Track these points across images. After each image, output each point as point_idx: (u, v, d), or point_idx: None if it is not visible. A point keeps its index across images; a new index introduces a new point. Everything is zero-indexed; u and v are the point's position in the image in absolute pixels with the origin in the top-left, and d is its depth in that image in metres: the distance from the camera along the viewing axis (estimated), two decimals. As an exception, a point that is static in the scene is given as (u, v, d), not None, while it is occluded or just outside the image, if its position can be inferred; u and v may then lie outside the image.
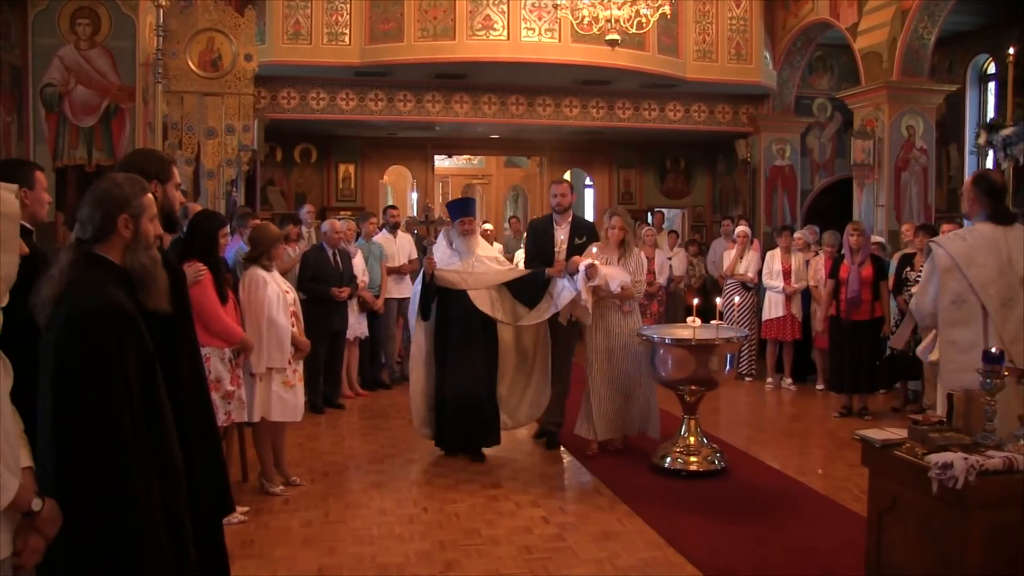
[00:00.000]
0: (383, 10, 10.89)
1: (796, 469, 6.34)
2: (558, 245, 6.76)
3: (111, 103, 7.34)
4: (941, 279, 4.25)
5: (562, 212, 6.87)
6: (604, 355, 6.53)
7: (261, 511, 5.34)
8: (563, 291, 6.32)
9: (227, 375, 5.13)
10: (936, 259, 4.28)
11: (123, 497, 2.42)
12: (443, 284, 6.40)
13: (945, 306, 4.22)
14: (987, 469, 3.16)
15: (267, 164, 13.30)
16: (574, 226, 6.87)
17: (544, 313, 6.41)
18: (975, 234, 4.28)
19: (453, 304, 6.40)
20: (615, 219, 6.71)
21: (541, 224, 7.13)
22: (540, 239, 6.91)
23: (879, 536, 3.66)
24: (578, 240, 6.71)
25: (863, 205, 10.85)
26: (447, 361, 6.44)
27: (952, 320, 4.21)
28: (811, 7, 11.84)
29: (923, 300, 4.38)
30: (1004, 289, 4.17)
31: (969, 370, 3.83)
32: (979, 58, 12.69)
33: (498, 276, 6.52)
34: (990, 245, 4.21)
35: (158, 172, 3.17)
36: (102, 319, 2.45)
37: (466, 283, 6.38)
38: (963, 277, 4.17)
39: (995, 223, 4.26)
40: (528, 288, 6.48)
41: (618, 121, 13.01)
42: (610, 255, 6.57)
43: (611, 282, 6.32)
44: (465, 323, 6.38)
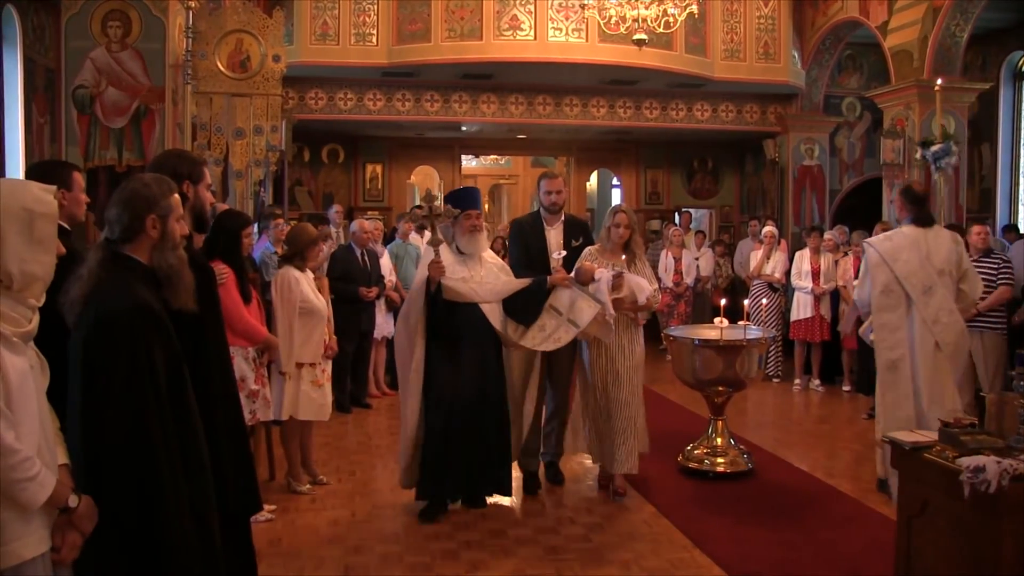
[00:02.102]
0: (410, 11, 10.92)
1: (824, 471, 6.29)
2: (552, 249, 5.73)
3: (141, 104, 7.41)
4: (872, 273, 5.38)
5: (556, 212, 5.84)
6: (612, 377, 5.55)
7: (288, 510, 5.38)
8: (578, 306, 5.24)
9: (251, 374, 5.17)
10: (868, 257, 5.45)
11: (151, 495, 2.46)
12: (449, 297, 5.07)
13: (876, 295, 5.35)
14: (1021, 474, 3.12)
15: (295, 165, 13.38)
16: (568, 226, 5.85)
17: (563, 336, 5.23)
18: (900, 235, 5.43)
19: (462, 321, 5.12)
20: (620, 216, 5.64)
21: (529, 224, 5.97)
22: (529, 243, 5.80)
23: (909, 540, 3.62)
24: (574, 243, 5.72)
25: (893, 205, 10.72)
26: (457, 390, 5.13)
27: (882, 306, 5.35)
28: (840, 5, 11.73)
29: (862, 291, 5.54)
30: (925, 279, 5.28)
31: (897, 346, 5.27)
32: (1014, 55, 12.50)
33: (508, 287, 5.28)
34: (912, 243, 5.33)
35: (190, 173, 3.20)
36: (130, 319, 2.48)
37: (477, 295, 5.10)
38: (890, 270, 5.30)
39: (918, 225, 5.42)
40: (524, 302, 5.28)
41: (645, 121, 12.95)
42: (613, 260, 5.59)
43: (639, 294, 5.44)
44: (477, 345, 5.17)
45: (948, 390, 5.26)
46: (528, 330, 5.26)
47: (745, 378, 6.16)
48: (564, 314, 5.25)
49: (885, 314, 5.35)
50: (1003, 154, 12.62)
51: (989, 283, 7.23)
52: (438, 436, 5.10)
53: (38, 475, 2.21)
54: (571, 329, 5.22)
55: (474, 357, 5.15)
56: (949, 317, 5.33)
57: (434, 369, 5.13)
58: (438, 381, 5.13)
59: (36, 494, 2.21)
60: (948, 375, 5.29)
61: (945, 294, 5.31)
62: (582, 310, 5.21)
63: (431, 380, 5.13)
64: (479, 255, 5.37)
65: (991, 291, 7.21)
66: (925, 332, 5.27)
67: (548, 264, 5.64)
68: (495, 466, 5.28)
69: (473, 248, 5.36)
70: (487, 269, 5.34)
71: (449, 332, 5.13)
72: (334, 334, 6.02)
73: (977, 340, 7.24)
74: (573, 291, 5.29)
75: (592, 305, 5.20)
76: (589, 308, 5.20)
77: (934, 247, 5.36)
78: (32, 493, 2.20)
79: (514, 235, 6.08)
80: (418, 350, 5.12)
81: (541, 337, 5.23)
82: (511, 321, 5.28)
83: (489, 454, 5.23)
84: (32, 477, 2.19)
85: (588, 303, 5.21)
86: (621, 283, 5.36)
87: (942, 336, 5.26)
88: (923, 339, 5.26)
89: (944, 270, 5.35)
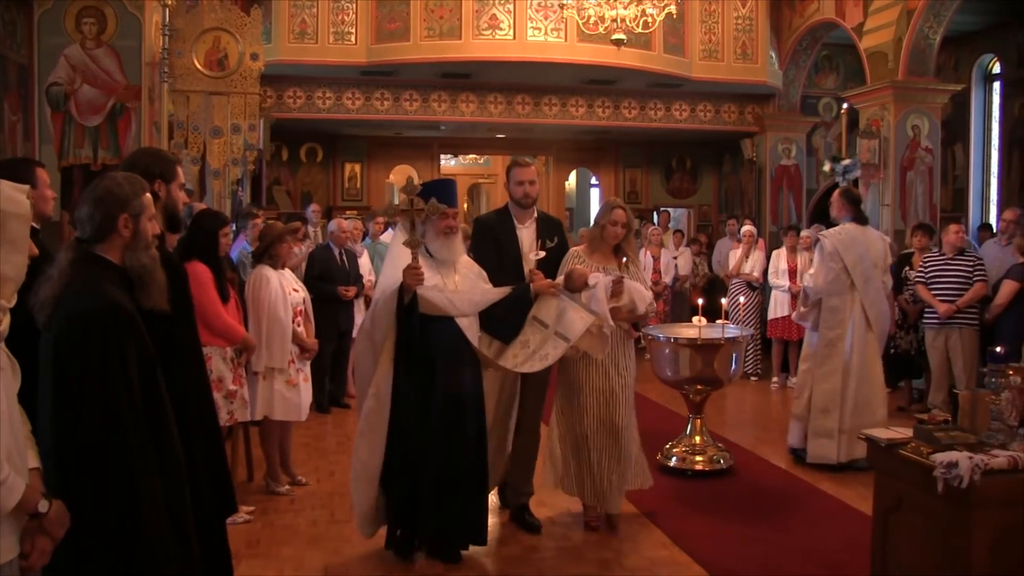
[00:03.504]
0: (389, 10, 10.90)
1: (802, 469, 6.33)
2: (526, 250, 4.92)
3: (117, 102, 7.35)
4: (827, 263, 6.15)
5: (528, 207, 4.98)
6: (605, 397, 4.86)
7: (267, 510, 5.35)
8: (568, 317, 4.41)
9: (229, 374, 5.13)
10: (824, 247, 6.22)
11: (125, 497, 2.43)
12: (424, 310, 4.23)
13: (828, 282, 6.16)
14: (992, 468, 3.16)
15: (273, 163, 13.32)
16: (541, 224, 5.03)
17: (551, 352, 4.39)
18: (846, 230, 6.26)
19: (436, 339, 4.26)
20: (617, 213, 4.94)
21: (497, 223, 5.05)
22: (500, 244, 4.93)
23: (885, 536, 3.66)
24: (549, 243, 4.88)
25: (869, 205, 10.79)
26: (428, 420, 4.27)
27: (831, 292, 6.17)
28: (817, 7, 11.81)
29: (818, 280, 6.22)
30: (865, 270, 6.16)
31: (838, 327, 6.16)
32: (984, 58, 12.66)
33: (487, 297, 4.44)
34: (855, 239, 6.20)
35: (163, 171, 3.17)
36: (102, 319, 2.45)
37: (454, 307, 4.25)
38: (841, 261, 6.11)
39: (856, 223, 6.28)
40: (503, 314, 4.43)
41: (624, 120, 13.00)
42: (604, 263, 4.93)
43: (639, 302, 4.81)
44: (454, 368, 4.28)
45: (877, 364, 6.28)
46: (508, 347, 4.40)
47: (723, 376, 6.19)
48: (551, 326, 4.41)
49: (834, 299, 6.19)
50: (975, 155, 12.77)
51: (965, 281, 7.32)
52: (405, 475, 4.26)
53: (6, 480, 2.16)
54: (560, 344, 4.38)
55: (451, 383, 4.23)
56: (880, 303, 6.30)
57: (402, 396, 4.22)
58: (406, 411, 4.24)
59: (5, 499, 2.16)
60: (876, 351, 6.30)
61: (878, 283, 6.27)
62: (573, 321, 4.39)
63: (397, 409, 4.23)
64: (456, 260, 4.51)
65: (967, 288, 7.30)
66: (862, 315, 6.18)
67: (521, 269, 4.84)
68: (471, 511, 4.39)
69: (448, 253, 4.46)
70: (463, 276, 4.47)
71: (423, 352, 4.23)
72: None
73: (954, 336, 7.34)
74: (562, 300, 4.47)
75: (584, 316, 4.41)
76: (581, 319, 4.40)
77: (870, 243, 6.26)
78: (0, 498, 2.16)
79: (480, 235, 5.10)
80: (383, 373, 4.18)
81: (525, 355, 4.35)
82: (485, 336, 4.44)
83: (464, 497, 4.33)
84: (0, 482, 2.15)
85: (580, 314, 4.42)
86: (621, 290, 4.67)
87: (875, 318, 6.23)
88: (860, 321, 6.18)
89: (877, 263, 6.25)
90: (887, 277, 6.45)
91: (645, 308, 4.87)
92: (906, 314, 8.05)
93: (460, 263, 4.55)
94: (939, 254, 7.60)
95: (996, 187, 12.61)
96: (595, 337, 4.53)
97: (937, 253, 7.65)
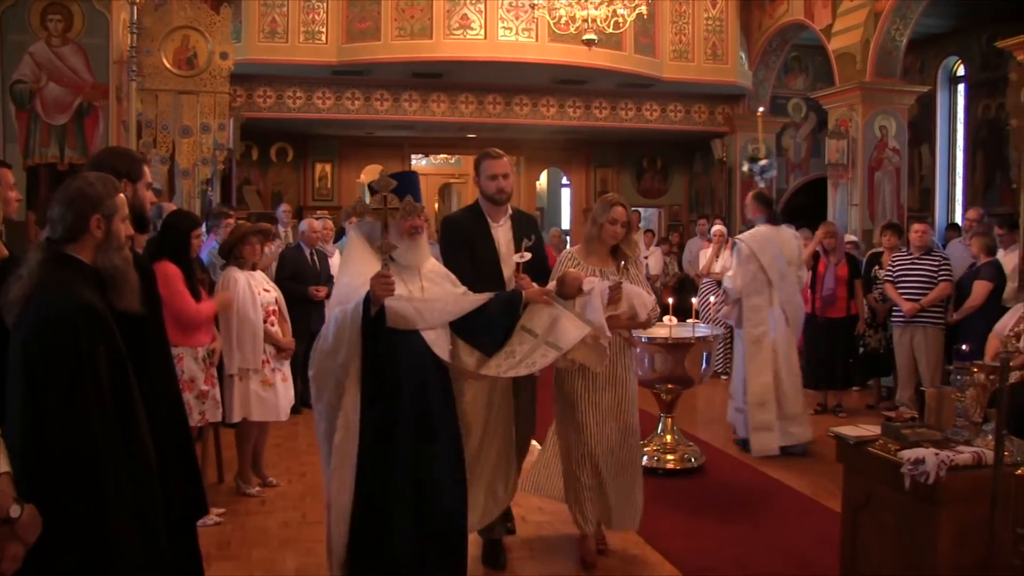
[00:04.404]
0: (360, 9, 10.87)
1: (772, 466, 6.38)
2: (503, 252, 4.41)
3: (84, 101, 7.25)
4: (744, 264, 6.49)
5: (503, 203, 4.45)
6: (603, 413, 4.44)
7: (238, 512, 5.31)
8: (561, 326, 3.87)
9: (201, 375, 5.10)
10: (740, 250, 6.55)
11: (95, 500, 2.40)
12: (392, 323, 3.55)
13: (747, 282, 6.49)
14: (957, 464, 3.21)
15: (243, 163, 13.22)
16: (517, 223, 4.49)
17: (538, 360, 3.82)
18: (760, 232, 6.61)
19: (404, 355, 3.61)
20: (617, 210, 4.44)
21: (469, 222, 4.49)
22: (474, 246, 4.38)
23: (854, 532, 3.70)
24: (526, 242, 4.23)
25: (837, 204, 10.95)
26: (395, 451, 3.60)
27: (750, 291, 6.49)
28: (786, 8, 11.93)
29: (737, 281, 6.54)
30: (780, 268, 6.52)
31: (761, 324, 6.50)
32: (949, 60, 12.86)
33: (461, 306, 3.78)
34: (769, 239, 6.55)
35: (129, 170, 3.13)
36: (73, 320, 2.43)
37: (423, 318, 3.64)
38: (757, 261, 6.45)
39: (770, 224, 6.66)
40: (487, 323, 3.80)
41: (595, 120, 13.05)
42: (601, 266, 4.48)
43: (641, 309, 4.38)
44: (421, 386, 3.64)
45: (794, 355, 6.76)
46: (492, 358, 3.83)
47: (694, 375, 6.23)
48: (540, 336, 3.86)
49: (754, 298, 6.52)
50: (941, 155, 12.98)
51: (931, 280, 7.42)
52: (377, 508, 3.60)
53: None
54: (550, 352, 3.84)
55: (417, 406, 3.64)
56: (795, 297, 6.71)
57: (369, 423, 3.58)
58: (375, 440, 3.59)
59: None
60: (793, 345, 6.77)
61: (792, 280, 6.65)
62: (565, 331, 3.86)
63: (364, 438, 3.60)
64: (422, 265, 3.81)
65: (933, 287, 7.40)
66: (779, 311, 6.56)
67: (500, 273, 4.36)
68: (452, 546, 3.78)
69: (413, 256, 3.75)
70: (430, 282, 3.82)
71: (391, 372, 3.60)
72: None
73: (919, 336, 7.44)
74: (554, 309, 3.89)
75: (579, 326, 3.90)
76: (575, 329, 3.89)
77: (784, 242, 6.63)
78: None
79: (451, 237, 4.53)
80: (351, 400, 3.55)
81: (509, 364, 3.81)
82: (463, 343, 3.82)
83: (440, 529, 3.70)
84: None
85: (574, 324, 3.90)
86: (619, 296, 4.24)
87: (791, 313, 6.65)
88: (779, 317, 6.56)
89: (791, 260, 6.63)
90: (802, 272, 6.97)
91: (647, 315, 4.43)
92: (875, 313, 8.14)
93: (425, 267, 3.85)
94: (907, 253, 7.71)
95: (961, 187, 12.81)
96: (591, 348, 4.03)
97: (905, 252, 7.75)
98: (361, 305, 3.48)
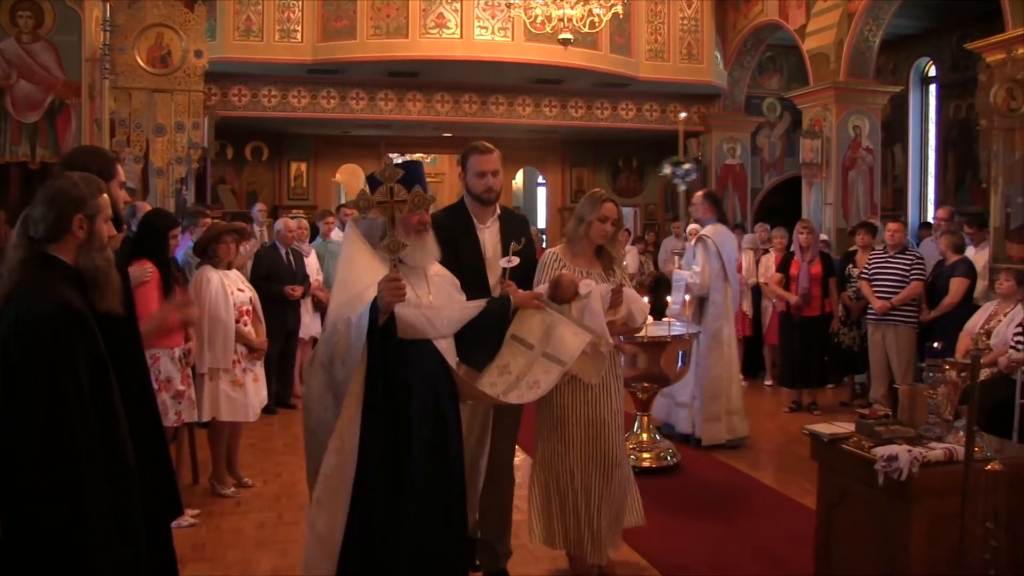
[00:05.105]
0: (336, 8, 10.82)
1: (748, 464, 6.43)
2: (489, 255, 4.01)
3: (56, 98, 7.18)
4: (711, 261, 6.69)
5: (491, 203, 4.05)
6: (596, 429, 4.01)
7: (213, 513, 5.28)
8: (558, 335, 3.55)
9: (177, 375, 5.06)
10: (707, 247, 6.76)
11: (72, 501, 2.39)
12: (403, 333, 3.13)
13: (712, 278, 6.72)
14: (929, 461, 3.25)
15: (218, 162, 13.13)
16: (505, 224, 4.09)
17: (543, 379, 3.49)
18: (721, 229, 6.88)
19: (415, 370, 3.18)
20: (607, 207, 4.09)
21: (454, 222, 4.00)
22: (458, 249, 3.88)
23: (828, 529, 3.74)
24: (516, 246, 3.86)
25: (812, 203, 11.03)
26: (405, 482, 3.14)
27: (714, 287, 6.74)
28: (761, 8, 12.01)
29: (705, 277, 6.71)
30: (733, 265, 6.93)
31: (720, 317, 6.75)
32: (921, 61, 13.00)
33: (465, 312, 3.41)
34: (727, 235, 6.92)
35: (101, 169, 3.10)
36: (53, 319, 2.41)
37: (434, 327, 3.23)
38: (719, 257, 6.70)
39: (720, 223, 6.93)
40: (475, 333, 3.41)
41: (571, 120, 13.08)
42: (588, 266, 4.11)
43: (636, 315, 4.09)
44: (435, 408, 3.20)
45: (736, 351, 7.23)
46: (483, 373, 3.48)
47: (670, 374, 6.26)
48: (537, 347, 3.53)
49: (716, 293, 6.76)
50: (913, 155, 13.11)
51: (904, 278, 7.50)
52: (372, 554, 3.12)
53: None
54: (553, 368, 3.50)
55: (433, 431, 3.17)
56: (739, 293, 7.21)
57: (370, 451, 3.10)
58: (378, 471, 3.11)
59: None
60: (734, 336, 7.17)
61: (738, 276, 7.32)
62: (564, 341, 3.54)
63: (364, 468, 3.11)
64: (426, 266, 3.41)
65: (906, 286, 7.47)
66: (733, 304, 7.09)
67: (485, 279, 3.97)
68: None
69: (420, 256, 3.34)
70: (436, 287, 3.41)
71: (400, 387, 3.15)
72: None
73: (891, 334, 7.51)
74: (547, 315, 3.59)
75: (578, 333, 3.58)
76: (575, 337, 3.57)
77: (731, 240, 7.04)
78: None
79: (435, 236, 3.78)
80: (348, 422, 3.09)
81: (506, 382, 3.44)
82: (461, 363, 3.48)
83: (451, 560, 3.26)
84: None
85: (572, 331, 3.59)
86: (621, 300, 3.93)
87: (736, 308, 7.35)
88: (732, 310, 7.03)
89: (736, 258, 7.13)
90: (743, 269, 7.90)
91: (643, 321, 4.19)
92: (849, 311, 8.21)
93: (432, 270, 3.44)
94: (883, 252, 7.78)
95: (933, 186, 12.95)
96: (588, 358, 3.67)
97: (881, 251, 7.82)
98: (367, 314, 3.03)
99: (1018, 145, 7.49)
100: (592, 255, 4.16)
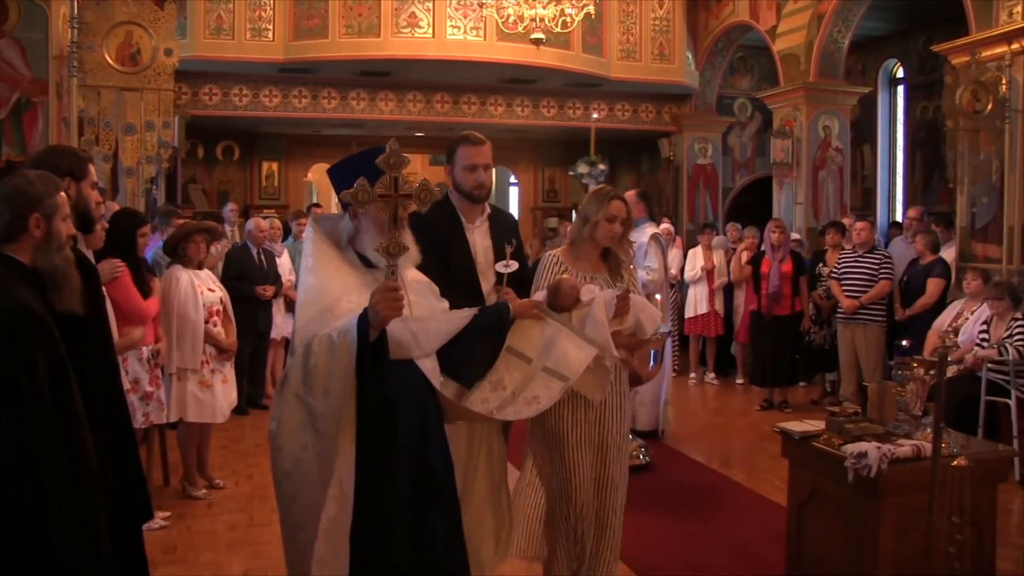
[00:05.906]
0: (307, 6, 10.76)
1: (720, 462, 6.47)
2: (479, 259, 3.63)
3: (22, 96, 7.08)
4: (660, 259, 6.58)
5: (482, 200, 3.65)
6: (597, 451, 3.66)
7: (184, 515, 5.24)
8: (559, 348, 3.13)
9: (145, 376, 5.01)
10: (662, 244, 6.66)
11: (35, 507, 2.35)
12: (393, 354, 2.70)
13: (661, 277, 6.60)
14: (898, 457, 3.30)
15: (188, 162, 13.02)
16: (495, 224, 3.72)
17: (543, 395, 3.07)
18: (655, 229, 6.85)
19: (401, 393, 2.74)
20: (615, 204, 3.62)
21: (441, 222, 3.55)
22: (447, 252, 3.54)
23: (799, 525, 3.77)
24: (509, 249, 3.49)
25: (782, 203, 11.13)
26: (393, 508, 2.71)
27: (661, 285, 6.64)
28: (732, 9, 12.10)
29: (660, 274, 6.60)
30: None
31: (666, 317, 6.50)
32: (889, 62, 13.16)
33: (451, 324, 2.97)
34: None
35: (72, 169, 3.07)
36: (10, 321, 2.37)
37: (418, 344, 2.82)
38: (663, 255, 6.63)
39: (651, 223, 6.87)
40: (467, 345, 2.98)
41: (543, 120, 13.09)
42: (591, 271, 3.67)
43: (646, 324, 3.61)
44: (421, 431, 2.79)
45: None
46: (473, 390, 3.06)
47: (642, 373, 6.27)
48: (536, 361, 3.12)
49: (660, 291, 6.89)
50: (882, 155, 13.26)
51: (872, 277, 7.58)
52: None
53: None
54: (553, 382, 3.08)
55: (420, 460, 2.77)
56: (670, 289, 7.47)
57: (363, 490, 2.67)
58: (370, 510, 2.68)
59: None
60: None
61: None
62: (566, 354, 3.13)
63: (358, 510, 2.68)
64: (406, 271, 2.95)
65: (874, 285, 7.56)
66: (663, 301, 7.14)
67: (477, 285, 3.60)
68: None
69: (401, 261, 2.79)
70: (416, 295, 2.93)
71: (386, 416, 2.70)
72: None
73: (860, 333, 7.60)
74: (547, 325, 3.18)
75: (582, 346, 3.18)
76: (578, 351, 3.16)
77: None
78: None
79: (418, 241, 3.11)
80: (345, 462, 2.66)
81: (500, 398, 3.05)
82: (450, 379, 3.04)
83: None
84: None
85: (575, 343, 3.17)
86: (627, 308, 3.47)
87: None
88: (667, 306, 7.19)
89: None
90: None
91: (653, 331, 3.70)
92: (820, 309, 8.29)
93: (409, 275, 2.97)
94: (852, 251, 7.86)
95: (902, 186, 13.11)
96: (591, 373, 3.27)
97: (851, 250, 7.91)
98: (355, 329, 2.56)
99: (983, 146, 7.60)
100: (597, 259, 3.71)
